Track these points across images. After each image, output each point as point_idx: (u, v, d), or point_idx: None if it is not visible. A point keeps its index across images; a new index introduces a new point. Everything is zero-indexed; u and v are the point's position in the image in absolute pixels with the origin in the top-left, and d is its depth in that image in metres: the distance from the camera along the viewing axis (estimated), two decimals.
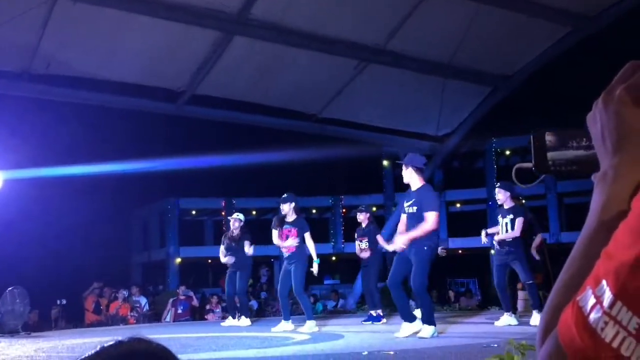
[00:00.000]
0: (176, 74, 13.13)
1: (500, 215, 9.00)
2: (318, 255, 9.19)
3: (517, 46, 13.41)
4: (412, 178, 7.37)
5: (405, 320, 7.31)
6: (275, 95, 14.18)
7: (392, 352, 5.64)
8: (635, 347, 0.56)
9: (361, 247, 10.33)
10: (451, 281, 22.67)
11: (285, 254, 8.98)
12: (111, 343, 0.89)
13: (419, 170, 7.39)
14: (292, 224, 8.97)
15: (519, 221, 8.78)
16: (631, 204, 0.62)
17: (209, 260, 22.95)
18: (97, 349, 0.88)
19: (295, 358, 5.73)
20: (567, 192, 21.93)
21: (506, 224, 8.82)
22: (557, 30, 12.88)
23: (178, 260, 24.33)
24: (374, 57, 13.20)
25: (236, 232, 10.47)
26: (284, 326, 8.91)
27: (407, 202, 7.41)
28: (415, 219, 7.23)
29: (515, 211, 8.89)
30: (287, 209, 9.02)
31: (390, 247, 8.42)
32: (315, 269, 9.23)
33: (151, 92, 13.43)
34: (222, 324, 10.99)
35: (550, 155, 0.83)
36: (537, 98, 19.82)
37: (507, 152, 22.46)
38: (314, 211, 24.36)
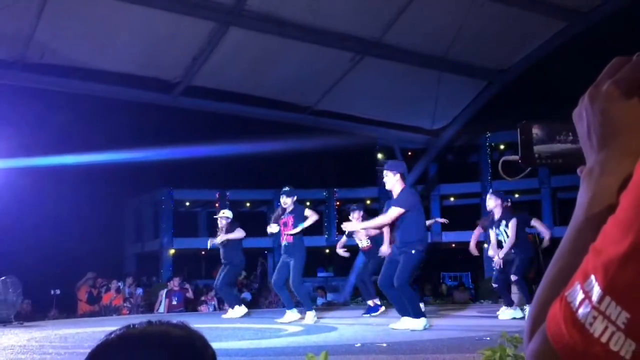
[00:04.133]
0: (171, 65, 13.08)
1: (494, 228, 8.86)
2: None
3: (513, 41, 13.41)
4: (395, 185, 7.35)
5: (403, 315, 7.35)
6: (271, 87, 14.15)
7: (385, 344, 5.66)
8: (624, 342, 0.56)
9: (362, 246, 10.30)
10: (444, 275, 22.74)
11: (283, 243, 8.94)
12: (157, 322, 1.00)
13: (403, 177, 7.39)
14: (290, 212, 8.97)
15: (512, 224, 8.78)
16: (619, 199, 0.62)
17: (203, 252, 22.96)
18: (144, 323, 0.99)
19: (289, 349, 5.73)
20: (561, 187, 22.01)
21: (504, 231, 8.77)
22: (552, 25, 12.89)
23: (172, 251, 24.32)
24: (369, 49, 13.18)
25: (224, 229, 10.41)
26: (290, 316, 8.89)
27: (386, 208, 7.48)
28: (397, 222, 7.30)
29: (506, 217, 8.84)
30: (290, 202, 9.01)
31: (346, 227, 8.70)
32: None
33: (146, 82, 13.38)
34: (223, 316, 10.90)
35: (537, 148, 0.84)
36: (532, 93, 19.86)
37: (502, 147, 22.50)
38: (307, 204, 24.31)
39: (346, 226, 8.43)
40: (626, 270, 0.57)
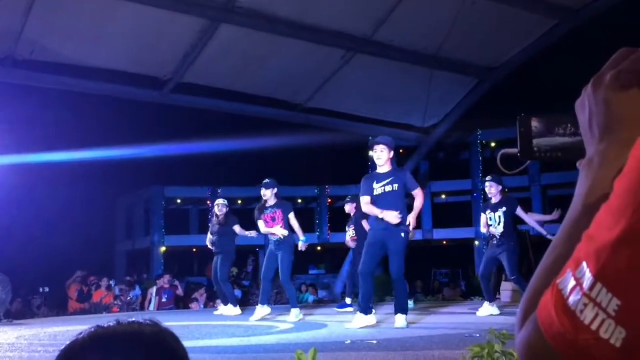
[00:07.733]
0: (162, 62, 13.04)
1: (488, 210, 8.92)
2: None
3: (504, 38, 13.44)
4: (386, 160, 7.27)
5: (361, 312, 7.18)
6: (261, 84, 14.13)
7: (374, 341, 5.66)
8: (615, 329, 0.56)
9: (350, 236, 10.43)
10: (435, 271, 22.76)
11: (273, 238, 8.84)
12: (127, 320, 0.99)
13: (393, 153, 7.36)
14: (275, 206, 8.89)
15: (521, 211, 8.89)
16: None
17: (194, 249, 22.93)
18: (114, 322, 0.98)
19: (279, 346, 5.73)
20: (551, 184, 22.05)
21: (499, 217, 8.78)
22: (543, 22, 12.92)
23: (163, 248, 24.23)
24: (360, 47, 13.18)
25: (222, 216, 10.36)
26: (261, 311, 8.82)
27: (380, 182, 7.21)
28: (397, 197, 7.15)
29: (507, 203, 8.88)
30: (269, 195, 8.93)
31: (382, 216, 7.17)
32: (302, 246, 9.09)
33: (137, 79, 13.33)
34: (215, 312, 10.86)
35: (535, 141, 0.83)
36: (523, 90, 19.89)
37: (493, 144, 22.50)
38: (299, 201, 24.33)
39: (390, 216, 7.01)
40: (618, 257, 0.56)
